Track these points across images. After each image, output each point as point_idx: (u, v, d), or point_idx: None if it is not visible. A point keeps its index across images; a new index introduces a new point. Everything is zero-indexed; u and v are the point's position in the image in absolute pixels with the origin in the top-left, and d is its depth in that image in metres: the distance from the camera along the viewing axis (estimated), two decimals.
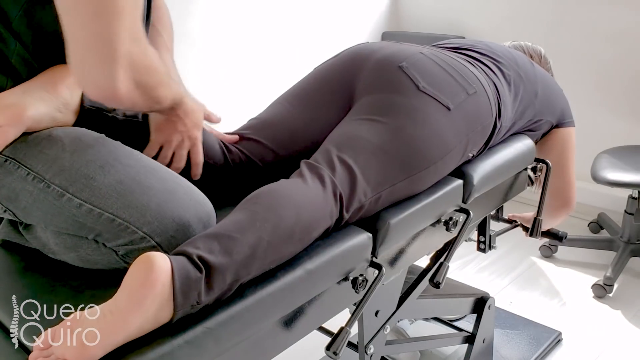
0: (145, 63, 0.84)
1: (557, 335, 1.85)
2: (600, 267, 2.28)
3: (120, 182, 0.85)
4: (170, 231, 0.85)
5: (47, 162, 0.86)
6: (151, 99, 0.89)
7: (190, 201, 0.88)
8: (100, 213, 0.84)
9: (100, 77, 0.79)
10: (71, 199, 0.85)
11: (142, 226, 0.84)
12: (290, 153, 1.15)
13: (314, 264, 0.91)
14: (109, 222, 0.85)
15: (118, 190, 0.85)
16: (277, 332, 0.91)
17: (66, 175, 0.85)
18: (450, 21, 2.90)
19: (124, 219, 0.84)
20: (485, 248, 1.60)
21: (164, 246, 0.85)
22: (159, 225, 0.84)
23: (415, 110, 1.08)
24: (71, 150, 0.87)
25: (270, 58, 2.55)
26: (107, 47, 0.77)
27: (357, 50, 1.22)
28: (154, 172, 0.89)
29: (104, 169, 0.86)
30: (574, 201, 1.53)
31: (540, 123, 1.41)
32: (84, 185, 0.85)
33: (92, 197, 0.84)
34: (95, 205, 0.84)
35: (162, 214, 0.85)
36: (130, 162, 0.89)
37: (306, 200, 0.92)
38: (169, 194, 0.87)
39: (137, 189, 0.85)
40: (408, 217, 1.07)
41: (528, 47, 1.56)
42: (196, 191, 0.92)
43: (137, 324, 0.73)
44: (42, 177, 0.86)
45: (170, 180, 0.90)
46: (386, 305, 1.25)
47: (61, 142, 0.88)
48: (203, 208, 0.90)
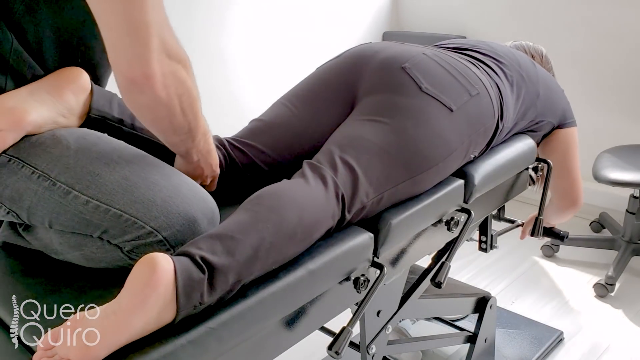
0: (176, 50, 0.83)
1: (558, 335, 1.85)
2: (601, 266, 2.27)
3: (126, 179, 0.86)
4: (177, 226, 0.85)
5: (51, 160, 0.86)
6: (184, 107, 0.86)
7: (195, 197, 0.89)
8: (107, 209, 0.85)
9: (134, 57, 0.77)
10: (78, 196, 0.85)
11: (149, 221, 0.84)
12: (292, 155, 1.15)
13: (315, 264, 0.92)
14: (116, 218, 0.85)
15: (124, 186, 0.85)
16: (279, 332, 0.91)
17: (72, 173, 0.85)
18: (451, 21, 2.90)
19: (132, 214, 0.84)
20: (486, 248, 1.60)
21: (170, 241, 0.85)
22: (165, 220, 0.85)
23: (417, 111, 1.08)
24: (76, 149, 0.87)
25: (271, 58, 2.55)
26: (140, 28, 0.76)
27: (360, 50, 1.22)
28: (158, 168, 0.90)
29: (109, 165, 0.86)
30: (581, 200, 1.53)
31: (542, 124, 1.41)
32: (90, 182, 0.85)
33: (99, 194, 0.85)
34: (102, 202, 0.85)
35: (168, 209, 0.85)
36: (134, 159, 0.89)
37: (308, 201, 0.92)
38: (174, 189, 0.87)
39: (143, 184, 0.86)
40: (409, 217, 1.08)
41: (529, 47, 1.56)
42: (200, 188, 0.92)
43: (140, 324, 0.73)
44: (47, 175, 0.86)
45: (174, 177, 0.90)
46: (388, 305, 1.25)
47: (65, 141, 0.88)
48: (207, 205, 0.90)
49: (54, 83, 0.91)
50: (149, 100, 0.81)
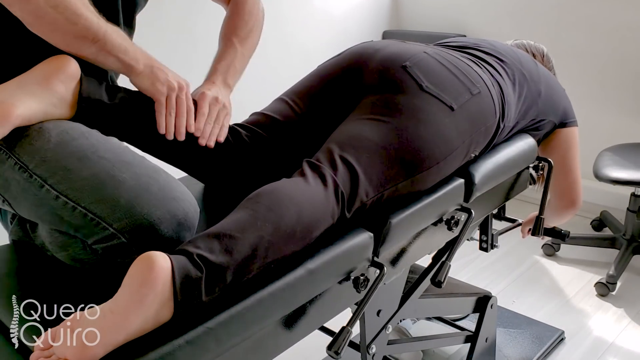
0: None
1: (559, 334, 1.85)
2: (603, 265, 2.27)
3: (95, 176, 0.84)
4: (141, 229, 0.83)
5: (32, 152, 0.86)
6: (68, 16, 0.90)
7: (164, 198, 0.86)
8: (74, 206, 0.83)
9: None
10: (49, 190, 0.84)
11: (112, 223, 0.83)
12: (292, 152, 1.14)
13: (315, 263, 0.91)
14: (82, 217, 0.84)
15: (91, 184, 0.84)
16: (279, 332, 0.91)
17: (47, 166, 0.85)
18: (451, 19, 2.90)
19: (95, 214, 0.83)
20: (487, 247, 1.60)
21: (134, 244, 0.83)
22: (129, 222, 0.82)
23: (418, 110, 1.07)
24: (55, 142, 0.86)
25: (271, 56, 2.54)
26: None
27: (360, 49, 1.22)
28: (129, 166, 0.87)
29: (81, 161, 0.85)
30: (580, 201, 1.52)
31: (543, 123, 1.40)
32: (61, 177, 0.84)
33: (68, 190, 0.84)
34: (70, 198, 0.84)
35: (132, 211, 0.82)
36: (109, 155, 0.87)
37: (307, 200, 0.91)
38: (142, 189, 0.85)
39: (110, 183, 0.84)
40: (409, 216, 1.07)
41: (531, 45, 1.55)
42: (175, 187, 0.89)
43: (138, 323, 0.73)
44: (26, 166, 0.86)
45: (144, 176, 0.87)
46: (388, 305, 1.25)
47: (48, 134, 0.87)
48: (179, 205, 0.87)
49: (43, 73, 0.91)
50: (22, 13, 0.90)
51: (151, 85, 1.00)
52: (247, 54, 1.21)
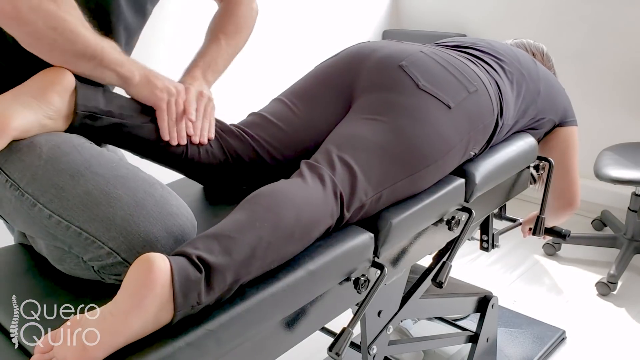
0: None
1: (561, 334, 1.85)
2: (603, 264, 2.27)
3: (88, 193, 0.82)
4: (137, 247, 0.81)
5: (22, 169, 0.84)
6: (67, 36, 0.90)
7: (160, 214, 0.84)
8: (68, 226, 0.82)
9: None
10: (42, 209, 0.83)
11: (107, 241, 0.81)
12: (290, 152, 1.14)
13: (315, 264, 0.91)
14: (76, 236, 0.82)
15: (85, 202, 0.81)
16: (279, 333, 0.91)
17: (38, 184, 0.83)
18: (451, 19, 2.89)
19: (90, 233, 0.81)
20: (488, 247, 1.60)
21: (130, 263, 0.80)
22: (124, 240, 0.81)
23: (415, 108, 1.07)
24: (46, 158, 0.84)
25: (270, 56, 2.54)
26: None
27: (358, 49, 1.22)
28: (124, 180, 0.85)
29: (74, 178, 0.83)
30: (578, 201, 1.52)
31: (543, 122, 1.40)
32: (53, 196, 0.82)
33: (61, 209, 0.82)
34: (64, 218, 0.82)
35: (128, 229, 0.81)
36: (102, 170, 0.85)
37: (306, 200, 0.91)
38: (137, 206, 0.82)
39: (104, 200, 0.82)
40: (410, 216, 1.07)
41: (530, 44, 1.55)
42: (172, 202, 0.87)
43: (138, 325, 0.72)
44: (17, 185, 0.84)
45: (140, 191, 0.85)
46: (389, 306, 1.25)
47: (39, 149, 0.85)
48: (175, 220, 0.85)
49: (38, 85, 0.90)
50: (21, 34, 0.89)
51: (150, 94, 1.00)
52: (232, 52, 1.21)
